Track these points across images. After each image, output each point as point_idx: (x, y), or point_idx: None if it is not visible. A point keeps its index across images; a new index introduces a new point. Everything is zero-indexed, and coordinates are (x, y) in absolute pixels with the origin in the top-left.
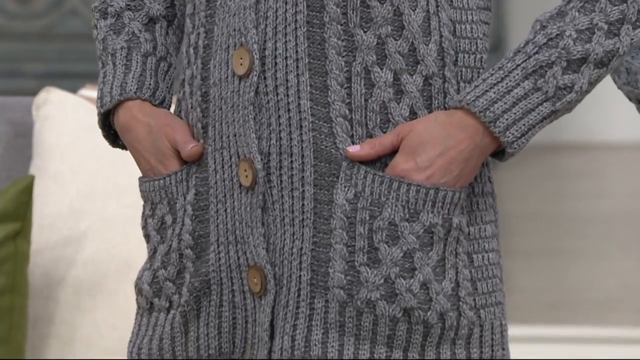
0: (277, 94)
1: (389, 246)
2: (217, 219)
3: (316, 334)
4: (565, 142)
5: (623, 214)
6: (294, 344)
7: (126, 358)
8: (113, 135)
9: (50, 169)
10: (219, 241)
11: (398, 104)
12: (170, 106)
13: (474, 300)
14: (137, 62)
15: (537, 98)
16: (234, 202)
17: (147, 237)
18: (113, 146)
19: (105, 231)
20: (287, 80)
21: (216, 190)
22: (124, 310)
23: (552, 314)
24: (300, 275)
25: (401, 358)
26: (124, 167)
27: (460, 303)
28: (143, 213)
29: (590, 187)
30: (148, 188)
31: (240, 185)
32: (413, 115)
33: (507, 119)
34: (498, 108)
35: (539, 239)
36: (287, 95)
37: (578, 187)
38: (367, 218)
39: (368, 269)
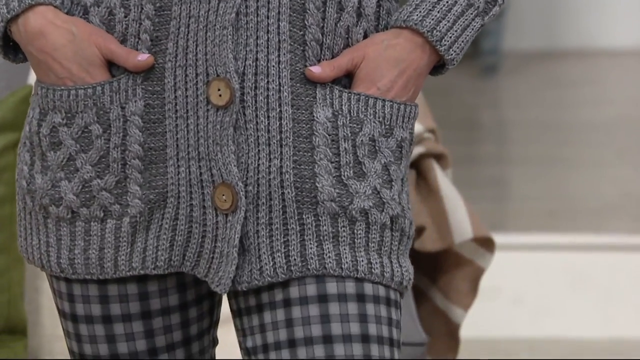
0: (258, 14)
1: (370, 160)
2: (177, 134)
3: (311, 248)
4: (566, 49)
5: (623, 121)
6: (289, 260)
7: (42, 267)
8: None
9: None
10: (178, 156)
11: (357, 28)
12: None
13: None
14: None
15: (471, 14)
16: (198, 119)
17: (54, 144)
18: (4, 57)
19: None
20: (269, 2)
21: (175, 105)
22: None
23: (551, 221)
24: (283, 193)
25: (387, 263)
26: None
27: (411, 214)
28: (43, 120)
29: (591, 94)
30: (64, 96)
31: (208, 103)
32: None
33: (450, 37)
34: (443, 27)
35: (538, 147)
36: (268, 17)
37: (578, 94)
38: (349, 134)
39: (356, 182)
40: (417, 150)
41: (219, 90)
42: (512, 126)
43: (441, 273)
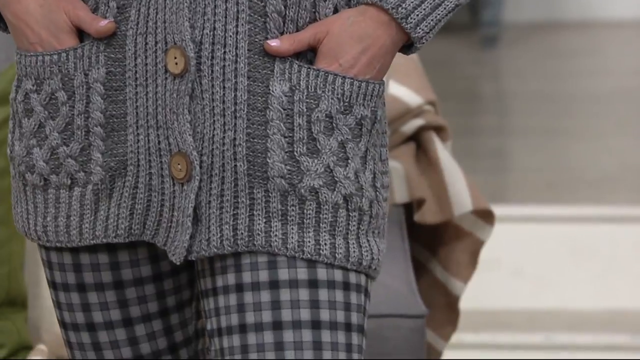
0: None
1: (326, 137)
2: (137, 101)
3: (259, 224)
4: (566, 20)
5: (623, 92)
6: (236, 233)
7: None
8: None
9: None
10: (138, 124)
11: (325, 2)
12: None
13: (383, 193)
14: None
15: None
16: (157, 87)
17: (27, 111)
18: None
19: None
20: None
21: (135, 73)
22: None
23: (551, 192)
24: (235, 166)
25: (342, 244)
26: None
27: (377, 194)
28: (19, 87)
29: (591, 66)
30: (33, 62)
31: (167, 72)
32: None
33: (417, 15)
34: (409, 4)
35: (538, 118)
36: None
37: (578, 65)
38: (305, 110)
39: (308, 159)
40: (417, 122)
41: (175, 58)
42: (512, 97)
43: (441, 245)
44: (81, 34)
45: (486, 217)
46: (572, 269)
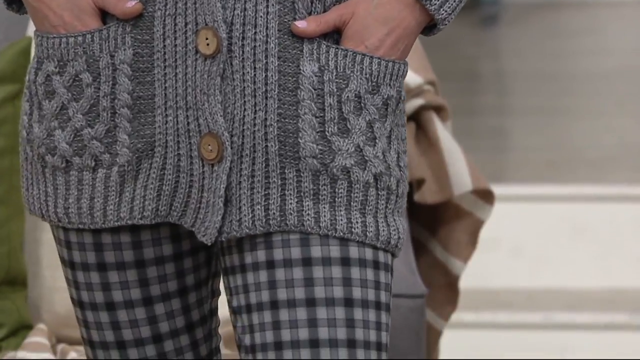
0: None
1: (355, 116)
2: (166, 83)
3: (290, 204)
4: None
5: (623, 71)
6: (267, 213)
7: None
8: None
9: None
10: (167, 105)
11: None
12: None
13: (405, 172)
14: None
15: None
16: (186, 68)
17: (48, 93)
18: (8, 8)
19: None
20: None
21: (164, 54)
22: None
23: (551, 172)
24: (267, 146)
25: (372, 223)
26: None
27: (401, 173)
28: (39, 69)
29: (591, 45)
30: (57, 44)
31: (197, 53)
32: None
33: None
34: None
35: (538, 97)
36: None
37: (578, 44)
38: (335, 90)
39: (339, 139)
40: (417, 102)
41: (206, 39)
42: (512, 77)
43: (441, 225)
44: (104, 15)
45: (486, 196)
46: (572, 248)
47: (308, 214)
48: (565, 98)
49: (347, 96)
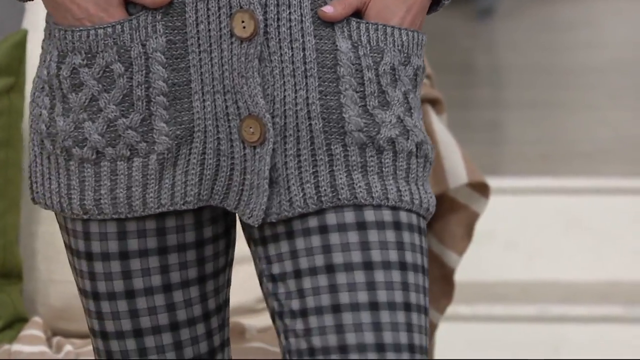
0: None
1: (392, 88)
2: (201, 68)
3: (340, 178)
4: None
5: (618, 64)
6: (319, 191)
7: (66, 211)
8: None
9: (43, 23)
10: (203, 90)
11: None
12: None
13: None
14: None
15: None
16: (222, 52)
17: (75, 86)
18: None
19: None
20: None
21: (198, 40)
22: None
23: (545, 165)
24: (310, 124)
25: (415, 191)
26: None
27: (430, 140)
28: (63, 62)
29: (586, 37)
30: (84, 36)
31: (232, 36)
32: None
33: None
34: None
35: (533, 90)
36: None
37: (573, 37)
38: (372, 64)
39: (381, 111)
40: None
41: (242, 22)
42: (507, 70)
43: (436, 218)
44: (126, 5)
45: (481, 189)
46: (566, 240)
47: (360, 186)
48: (560, 91)
49: (384, 69)
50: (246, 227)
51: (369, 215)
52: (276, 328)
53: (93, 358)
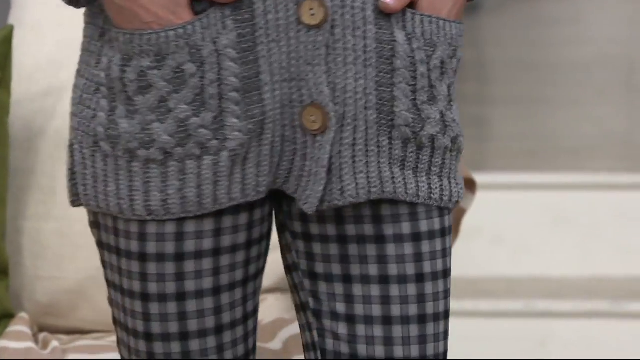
0: None
1: (440, 82)
2: (271, 58)
3: (385, 172)
4: None
5: (604, 60)
6: (369, 182)
7: (129, 212)
8: None
9: (29, 19)
10: (273, 80)
11: None
12: None
13: None
14: None
15: None
16: (289, 40)
17: (142, 88)
18: (77, 6)
19: None
20: None
21: (267, 30)
22: None
23: (531, 160)
24: (366, 115)
25: (447, 185)
26: None
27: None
28: (128, 66)
29: (571, 33)
30: (153, 39)
31: (299, 24)
32: None
33: None
34: None
35: (518, 86)
36: None
37: (559, 33)
38: (425, 58)
39: (428, 107)
40: None
41: (311, 9)
42: (493, 65)
43: None
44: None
45: (468, 185)
46: (552, 236)
47: (399, 181)
48: (545, 87)
49: (434, 64)
50: (286, 217)
51: (423, 225)
52: (304, 321)
53: (79, 354)
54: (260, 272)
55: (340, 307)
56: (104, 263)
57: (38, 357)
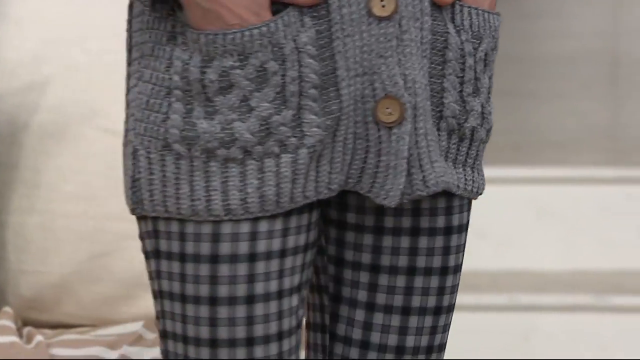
0: None
1: (483, 75)
2: (347, 53)
3: (439, 163)
4: None
5: (587, 53)
6: (444, 172)
7: (203, 214)
8: None
9: (12, 14)
10: (349, 75)
11: None
12: None
13: None
14: None
15: None
16: (362, 33)
17: (224, 88)
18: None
19: (69, 77)
20: None
21: (342, 24)
22: (88, 154)
23: (515, 154)
24: (426, 106)
25: (477, 177)
26: (87, 13)
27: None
28: (208, 67)
29: (556, 27)
30: (237, 39)
31: (370, 16)
32: None
33: None
34: None
35: (502, 80)
36: None
37: (543, 26)
38: (472, 50)
39: (473, 99)
40: None
41: (382, 1)
42: None
43: None
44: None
45: None
46: (536, 230)
47: (448, 173)
48: (529, 81)
49: (480, 56)
50: (325, 207)
51: (455, 219)
52: (317, 301)
53: (63, 348)
54: (308, 281)
55: (362, 295)
56: (157, 274)
57: (22, 351)
